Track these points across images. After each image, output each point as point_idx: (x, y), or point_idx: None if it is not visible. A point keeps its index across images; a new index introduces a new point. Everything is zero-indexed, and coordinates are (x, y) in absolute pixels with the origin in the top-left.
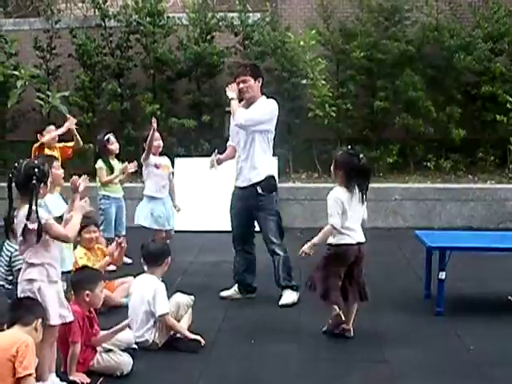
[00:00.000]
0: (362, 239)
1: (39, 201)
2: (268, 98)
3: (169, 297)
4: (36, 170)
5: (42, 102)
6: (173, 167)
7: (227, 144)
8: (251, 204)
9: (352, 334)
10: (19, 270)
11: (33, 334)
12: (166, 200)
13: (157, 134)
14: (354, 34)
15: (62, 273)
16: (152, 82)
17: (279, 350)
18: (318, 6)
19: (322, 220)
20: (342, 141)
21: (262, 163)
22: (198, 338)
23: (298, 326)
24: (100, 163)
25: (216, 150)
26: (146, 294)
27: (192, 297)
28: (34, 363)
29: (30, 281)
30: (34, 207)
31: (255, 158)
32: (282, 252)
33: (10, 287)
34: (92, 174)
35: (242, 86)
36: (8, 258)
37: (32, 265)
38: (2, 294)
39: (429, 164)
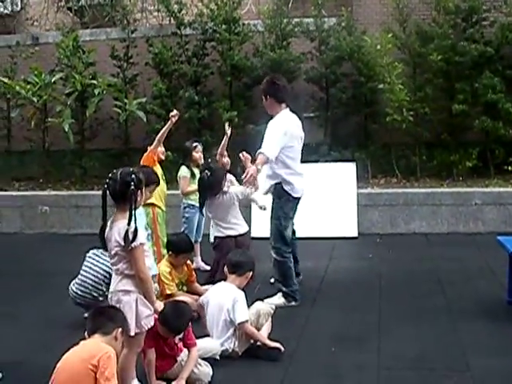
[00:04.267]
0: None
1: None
2: (292, 111)
3: (248, 305)
4: (133, 176)
5: (119, 110)
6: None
7: None
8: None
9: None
10: None
11: (113, 343)
12: None
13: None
14: (430, 37)
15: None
16: (229, 89)
17: (360, 359)
18: (393, 9)
19: (401, 226)
20: (420, 145)
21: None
22: (279, 345)
23: (378, 334)
24: (184, 171)
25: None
26: (225, 303)
27: (273, 305)
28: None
29: (127, 292)
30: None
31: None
32: (279, 257)
33: (101, 299)
34: (171, 182)
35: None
36: (108, 274)
37: (128, 276)
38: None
39: (510, 167)
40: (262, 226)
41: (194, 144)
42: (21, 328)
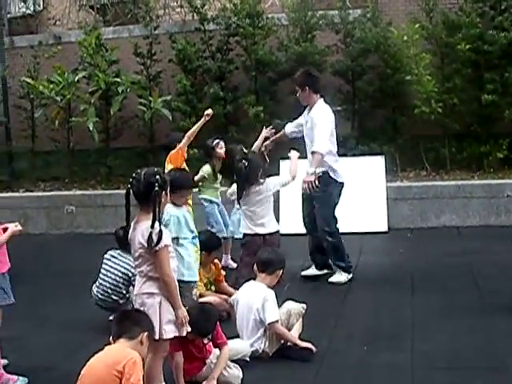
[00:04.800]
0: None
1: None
2: (325, 102)
3: (279, 305)
4: (157, 176)
5: (144, 108)
6: (278, 170)
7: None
8: (311, 196)
9: None
10: None
11: (138, 347)
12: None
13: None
14: (458, 26)
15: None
16: (254, 83)
17: (393, 359)
18: None
19: (431, 219)
20: (449, 137)
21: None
22: (310, 345)
23: (412, 332)
24: (205, 169)
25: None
26: (255, 302)
27: (304, 305)
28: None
29: (151, 294)
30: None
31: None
32: (335, 239)
33: (122, 302)
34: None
35: (297, 94)
36: (127, 276)
37: (152, 278)
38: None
39: None
40: (291, 222)
41: (216, 141)
42: (47, 331)
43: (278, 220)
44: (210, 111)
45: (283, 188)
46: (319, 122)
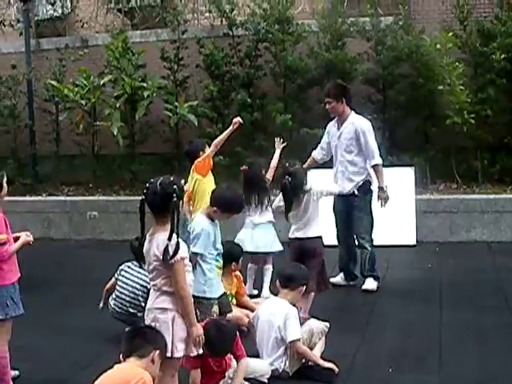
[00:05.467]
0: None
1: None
2: (356, 113)
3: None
4: (175, 187)
5: (170, 114)
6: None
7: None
8: (349, 204)
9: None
10: None
11: (149, 366)
12: None
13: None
14: (493, 35)
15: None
16: (282, 91)
17: (419, 380)
18: (453, 6)
19: (461, 234)
20: (481, 149)
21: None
22: (332, 366)
23: (439, 352)
24: None
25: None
26: (277, 320)
27: (327, 323)
28: None
29: (165, 310)
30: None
31: (350, 169)
32: (372, 248)
33: (140, 315)
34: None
35: (327, 106)
36: (146, 288)
37: (166, 293)
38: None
39: None
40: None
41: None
42: (61, 341)
43: None
44: (238, 119)
45: (326, 198)
46: (368, 133)
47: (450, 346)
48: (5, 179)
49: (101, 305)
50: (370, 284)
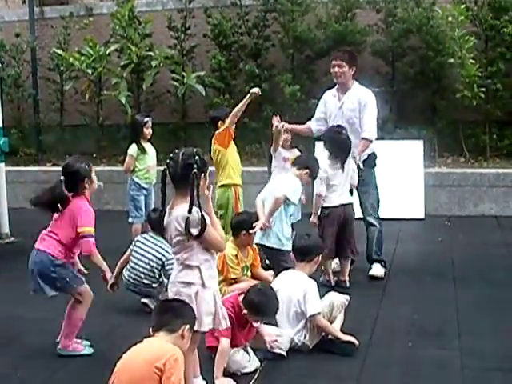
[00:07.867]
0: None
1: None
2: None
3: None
4: (196, 158)
5: (176, 84)
6: (313, 151)
7: (308, 123)
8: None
9: (348, 284)
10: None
11: (179, 341)
12: None
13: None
14: (504, 8)
15: None
16: (291, 62)
17: (440, 356)
18: None
19: (469, 208)
20: (490, 123)
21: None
22: (352, 339)
23: (458, 328)
24: (133, 149)
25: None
26: (295, 293)
27: (347, 296)
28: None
29: (188, 284)
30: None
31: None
32: (381, 226)
33: (155, 286)
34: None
35: (336, 69)
36: (161, 260)
37: (189, 266)
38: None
39: None
40: None
41: (146, 119)
42: None
43: None
44: (257, 89)
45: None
46: (371, 106)
47: (468, 320)
48: (93, 173)
49: (112, 280)
50: (378, 270)
